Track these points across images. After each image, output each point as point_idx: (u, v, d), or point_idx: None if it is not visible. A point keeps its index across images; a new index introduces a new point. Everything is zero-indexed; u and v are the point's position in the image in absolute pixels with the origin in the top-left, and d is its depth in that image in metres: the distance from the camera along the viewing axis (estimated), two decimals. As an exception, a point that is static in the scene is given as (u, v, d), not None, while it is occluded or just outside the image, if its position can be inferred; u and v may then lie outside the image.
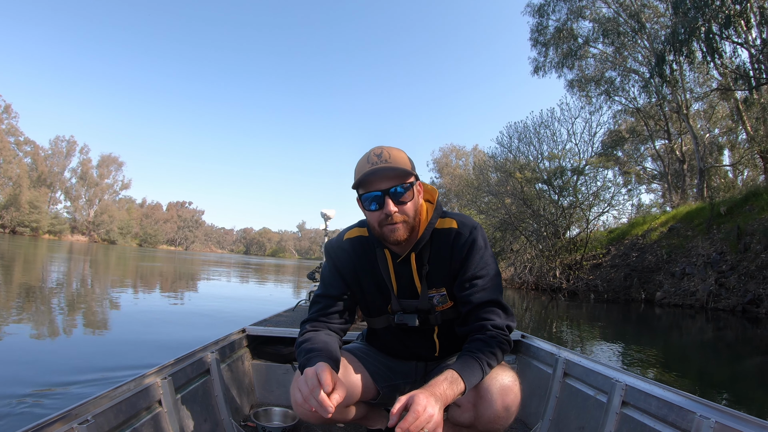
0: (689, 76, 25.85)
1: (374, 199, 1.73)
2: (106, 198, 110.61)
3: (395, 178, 1.71)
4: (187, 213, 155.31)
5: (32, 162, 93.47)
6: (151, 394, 1.89)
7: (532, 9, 29.68)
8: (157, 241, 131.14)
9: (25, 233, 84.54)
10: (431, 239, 1.86)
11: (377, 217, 1.75)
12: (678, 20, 19.44)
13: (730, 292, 14.86)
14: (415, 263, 1.86)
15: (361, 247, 1.95)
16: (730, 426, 1.59)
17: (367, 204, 1.76)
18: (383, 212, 1.71)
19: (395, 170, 1.70)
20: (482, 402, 1.67)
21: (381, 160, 1.71)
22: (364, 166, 1.73)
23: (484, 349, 1.64)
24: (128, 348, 5.86)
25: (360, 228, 1.99)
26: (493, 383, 1.67)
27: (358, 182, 1.75)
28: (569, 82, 30.60)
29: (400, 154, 1.76)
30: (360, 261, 1.94)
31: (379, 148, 1.75)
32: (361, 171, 1.74)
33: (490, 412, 1.65)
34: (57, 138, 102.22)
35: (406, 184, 1.73)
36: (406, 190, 1.73)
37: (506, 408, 1.65)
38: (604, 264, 22.28)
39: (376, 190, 1.71)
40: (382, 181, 1.71)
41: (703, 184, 26.15)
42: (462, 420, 1.77)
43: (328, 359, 1.62)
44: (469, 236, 1.83)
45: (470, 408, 1.72)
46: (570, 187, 24.29)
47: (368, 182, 1.73)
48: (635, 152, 36.44)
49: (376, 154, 1.73)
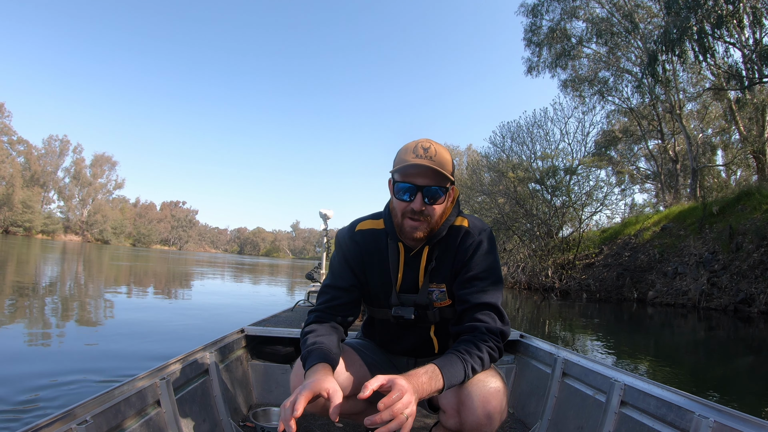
0: (682, 77, 25.95)
1: (407, 190, 1.73)
2: (100, 197, 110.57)
3: (434, 178, 1.71)
4: (181, 213, 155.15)
5: (25, 161, 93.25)
6: (149, 395, 1.90)
7: (525, 9, 29.65)
8: (151, 241, 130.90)
9: (18, 233, 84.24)
10: (446, 236, 1.86)
11: (403, 207, 1.75)
12: (670, 20, 19.52)
13: (722, 292, 14.93)
14: (425, 258, 1.86)
15: (372, 240, 1.94)
16: (729, 425, 1.59)
17: (398, 192, 1.76)
18: (411, 206, 1.72)
19: (436, 172, 1.70)
20: (464, 408, 1.64)
21: (427, 156, 1.70)
22: (409, 156, 1.72)
23: (472, 350, 1.61)
24: (127, 348, 5.85)
25: (374, 220, 1.99)
26: (475, 389, 1.63)
27: (397, 167, 1.75)
28: (563, 82, 30.64)
29: (446, 155, 1.76)
30: (369, 253, 1.94)
31: (428, 142, 1.74)
32: (404, 159, 1.73)
33: (472, 419, 1.62)
34: (50, 137, 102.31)
35: (442, 188, 1.74)
36: (439, 194, 1.74)
37: (488, 416, 1.61)
38: (596, 263, 22.34)
39: (413, 183, 1.72)
40: (421, 177, 1.71)
41: (696, 183, 26.26)
42: (449, 425, 1.74)
43: (326, 358, 1.62)
44: (477, 237, 1.83)
45: (454, 414, 1.69)
46: (563, 186, 24.35)
47: (407, 172, 1.72)
48: (629, 152, 36.58)
49: (424, 147, 1.72)
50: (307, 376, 1.57)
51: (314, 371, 1.55)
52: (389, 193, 1.86)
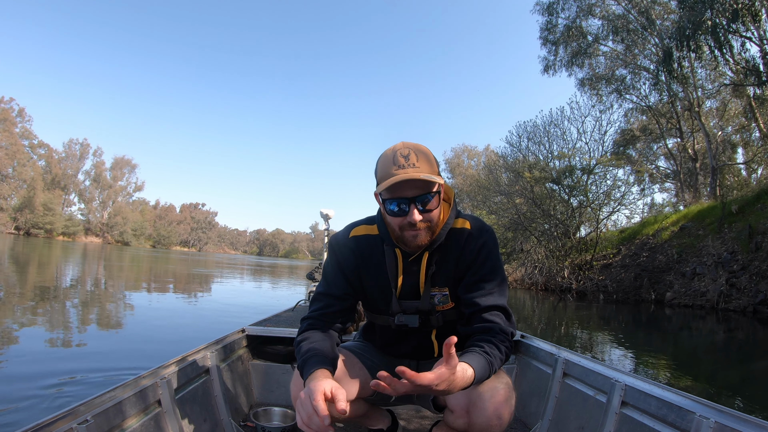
0: (700, 73, 25.60)
1: (400, 205, 1.66)
2: (120, 200, 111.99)
3: (423, 187, 1.64)
4: (201, 214, 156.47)
5: (46, 164, 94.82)
6: (150, 395, 1.90)
7: (541, 7, 29.52)
8: (171, 243, 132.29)
9: (40, 235, 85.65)
10: (445, 239, 1.82)
11: (399, 222, 1.69)
12: (684, 15, 19.26)
13: (741, 293, 14.66)
14: (425, 263, 1.82)
15: (367, 246, 1.89)
16: (730, 426, 1.58)
17: (391, 210, 1.69)
18: (407, 220, 1.66)
19: (425, 180, 1.62)
20: (475, 409, 1.65)
21: (408, 164, 1.63)
22: (390, 168, 1.65)
23: (493, 350, 1.58)
24: (132, 347, 5.93)
25: (368, 225, 1.93)
26: (485, 390, 1.64)
27: (381, 182, 1.67)
28: (580, 81, 30.39)
29: (427, 155, 1.70)
30: (364, 260, 1.89)
31: (406, 149, 1.67)
32: (385, 173, 1.66)
33: (482, 420, 1.63)
34: (70, 141, 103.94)
35: (432, 192, 1.67)
36: (432, 198, 1.67)
37: (498, 416, 1.61)
38: (614, 264, 22.10)
39: (402, 196, 1.65)
40: (410, 189, 1.64)
41: (716, 182, 25.86)
42: (456, 426, 1.75)
43: (324, 363, 1.60)
44: (480, 239, 1.80)
45: (463, 414, 1.69)
46: (580, 186, 24.15)
47: (392, 188, 1.65)
48: (648, 151, 36.17)
49: (402, 155, 1.65)
50: (306, 384, 1.54)
51: (314, 377, 1.52)
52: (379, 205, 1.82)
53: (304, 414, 1.40)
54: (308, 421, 1.39)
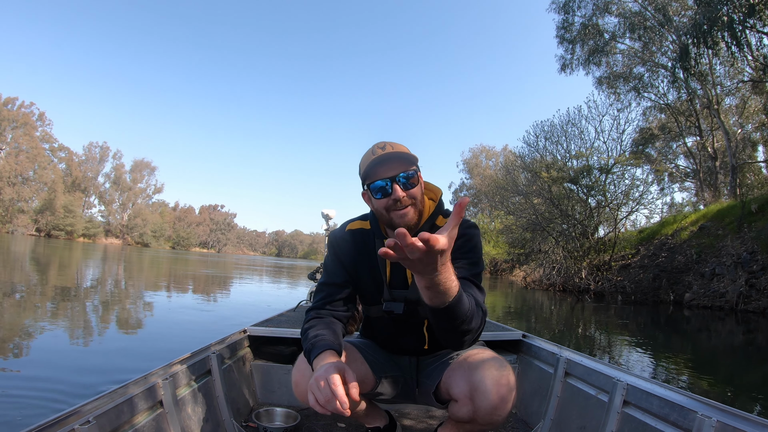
0: (719, 70, 25.20)
1: (381, 187, 1.78)
2: (140, 202, 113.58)
3: (401, 165, 1.78)
4: (220, 216, 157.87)
5: (66, 167, 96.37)
6: (152, 395, 1.92)
7: (557, 5, 29.31)
8: (190, 244, 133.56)
9: (60, 236, 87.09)
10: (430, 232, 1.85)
11: (385, 204, 1.80)
12: (700, 10, 19.00)
13: (761, 294, 14.38)
14: None
15: (361, 239, 2.00)
16: (732, 425, 1.59)
17: (374, 193, 1.81)
18: (391, 198, 1.77)
19: (400, 157, 1.78)
20: (477, 394, 1.69)
21: (385, 150, 1.79)
22: (369, 159, 1.80)
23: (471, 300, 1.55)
24: (138, 348, 5.98)
25: (362, 221, 2.05)
26: (487, 374, 1.70)
27: (365, 174, 1.81)
28: (597, 79, 30.14)
29: (402, 146, 1.86)
30: (359, 252, 1.99)
31: (382, 142, 1.84)
32: (366, 163, 1.81)
33: (486, 404, 1.67)
34: (90, 144, 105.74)
35: (411, 170, 1.78)
36: (412, 176, 1.79)
37: (502, 398, 1.67)
38: (632, 265, 21.81)
39: (383, 178, 1.77)
40: (389, 170, 1.77)
41: (736, 181, 25.48)
42: (461, 414, 1.78)
43: (331, 346, 1.67)
44: (463, 231, 1.84)
45: (467, 402, 1.74)
46: (598, 186, 23.90)
47: (375, 173, 1.79)
48: (667, 150, 35.76)
49: (379, 146, 1.82)
50: (315, 365, 1.59)
51: (323, 358, 1.59)
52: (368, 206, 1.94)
53: (322, 397, 1.42)
54: (325, 403, 1.41)
